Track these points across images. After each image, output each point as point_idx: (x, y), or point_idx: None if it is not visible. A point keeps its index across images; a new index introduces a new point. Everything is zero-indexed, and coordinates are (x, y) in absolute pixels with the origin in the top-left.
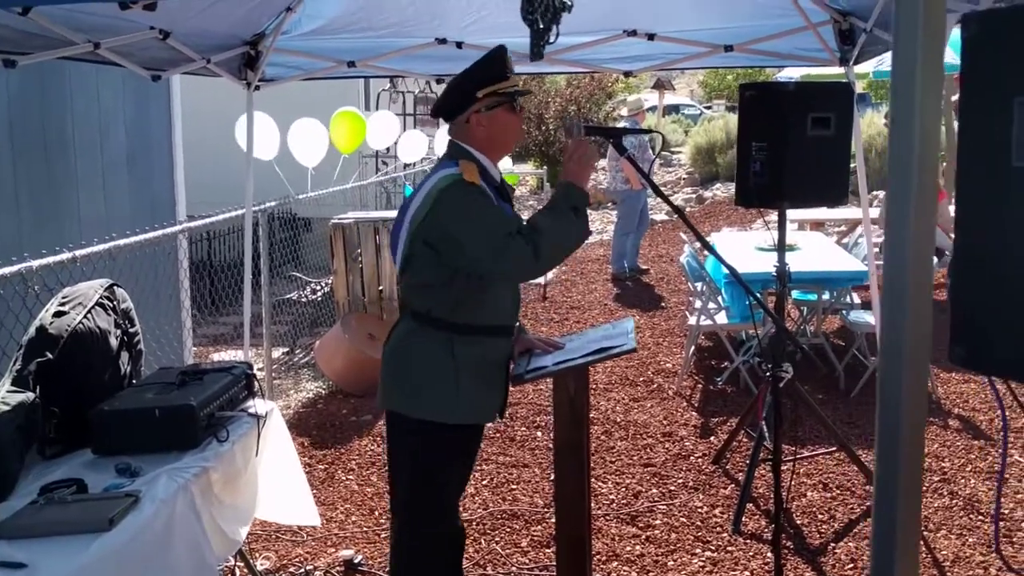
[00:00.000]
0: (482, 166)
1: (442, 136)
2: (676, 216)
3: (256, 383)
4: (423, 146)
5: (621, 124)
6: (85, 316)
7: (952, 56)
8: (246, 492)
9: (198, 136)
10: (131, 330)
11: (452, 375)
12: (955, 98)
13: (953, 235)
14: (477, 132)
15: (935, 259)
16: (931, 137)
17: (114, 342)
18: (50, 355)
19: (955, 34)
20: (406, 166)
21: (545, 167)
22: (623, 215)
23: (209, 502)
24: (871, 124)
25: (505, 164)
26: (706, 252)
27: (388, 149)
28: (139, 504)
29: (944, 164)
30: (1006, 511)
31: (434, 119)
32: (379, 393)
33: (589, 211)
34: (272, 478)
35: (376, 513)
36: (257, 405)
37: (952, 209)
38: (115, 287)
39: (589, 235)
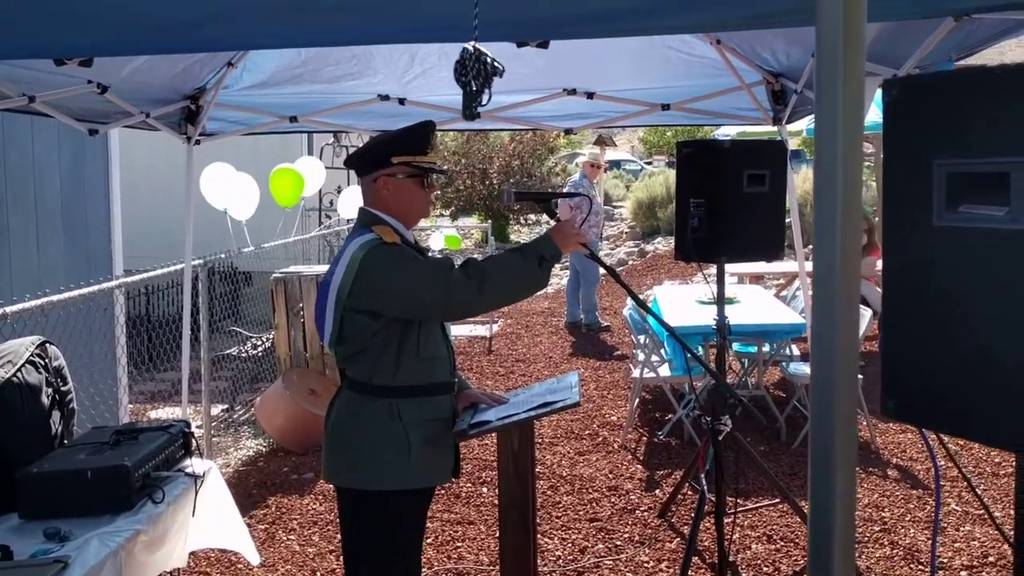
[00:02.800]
0: (396, 229)
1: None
2: (624, 265)
3: (194, 441)
4: None
5: (574, 176)
6: (14, 374)
7: (878, 114)
8: (175, 551)
9: (136, 188)
10: (63, 388)
11: (403, 440)
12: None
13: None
14: (382, 194)
15: (871, 313)
16: (854, 192)
17: (45, 401)
18: None
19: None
20: (348, 221)
21: (490, 221)
22: (584, 267)
23: (134, 565)
24: (805, 180)
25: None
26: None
27: (331, 202)
28: (68, 571)
29: (877, 219)
30: (945, 559)
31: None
32: (325, 468)
33: None
34: (209, 536)
35: (318, 574)
36: (195, 464)
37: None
38: (47, 344)
39: (543, 288)
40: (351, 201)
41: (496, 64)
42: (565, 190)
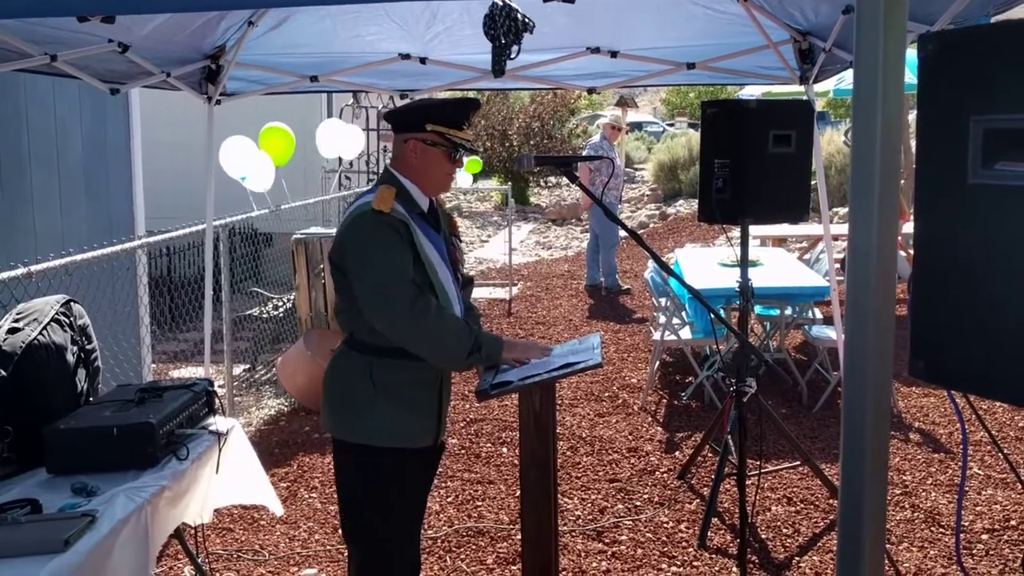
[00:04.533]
0: (405, 191)
1: None
2: (645, 228)
3: (217, 400)
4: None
5: (595, 137)
6: (40, 332)
7: (909, 76)
8: (195, 505)
9: (158, 149)
10: (88, 347)
11: (372, 399)
12: (912, 117)
13: (910, 253)
14: (409, 158)
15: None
16: (892, 151)
17: (71, 359)
18: (3, 372)
19: (912, 54)
20: (369, 180)
21: (509, 183)
22: (603, 230)
23: (160, 519)
24: (831, 142)
25: (465, 180)
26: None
27: (352, 164)
28: (96, 524)
29: (903, 182)
30: (966, 523)
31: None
32: (322, 414)
33: (555, 226)
34: (234, 492)
35: (339, 531)
36: (218, 422)
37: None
38: (72, 303)
39: (456, 370)
40: (326, 138)
41: (527, 20)
42: (585, 152)
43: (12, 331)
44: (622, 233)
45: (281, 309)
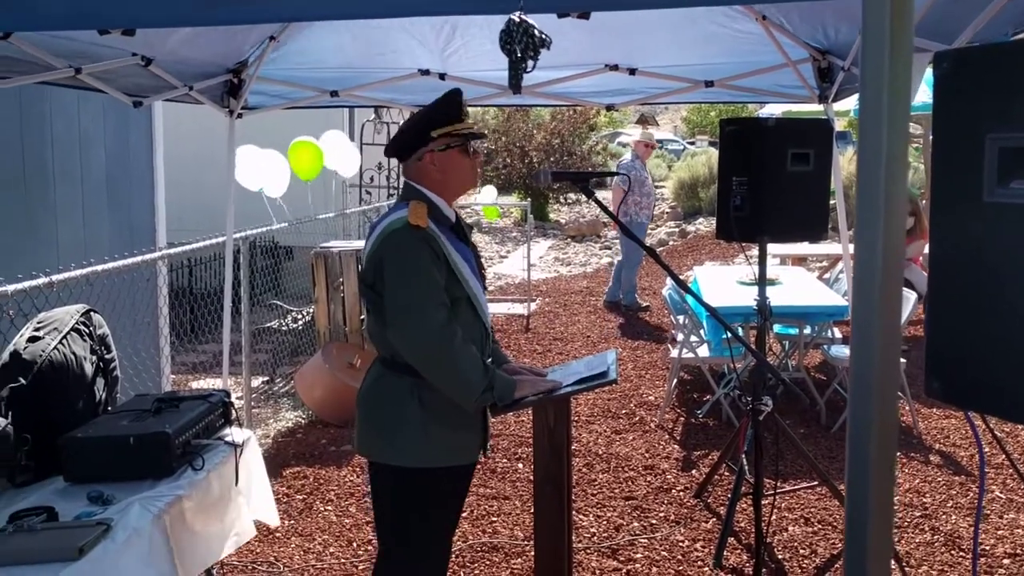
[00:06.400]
0: (434, 205)
1: None
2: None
3: (233, 411)
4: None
5: (626, 156)
6: (60, 342)
7: (927, 94)
8: (221, 521)
9: (181, 162)
10: (107, 356)
11: (420, 422)
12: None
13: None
14: (430, 172)
15: (915, 296)
16: (898, 171)
17: (89, 368)
18: (23, 381)
19: (931, 72)
20: (390, 194)
21: (529, 199)
22: (627, 249)
23: (182, 531)
24: (851, 161)
25: (488, 196)
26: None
27: (372, 179)
28: (110, 533)
29: (924, 202)
30: (987, 547)
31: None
32: (355, 438)
33: (574, 243)
34: (248, 503)
35: (354, 545)
36: (234, 433)
37: None
38: (92, 313)
39: (466, 405)
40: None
41: (544, 36)
42: (614, 170)
43: (32, 340)
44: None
45: (300, 322)
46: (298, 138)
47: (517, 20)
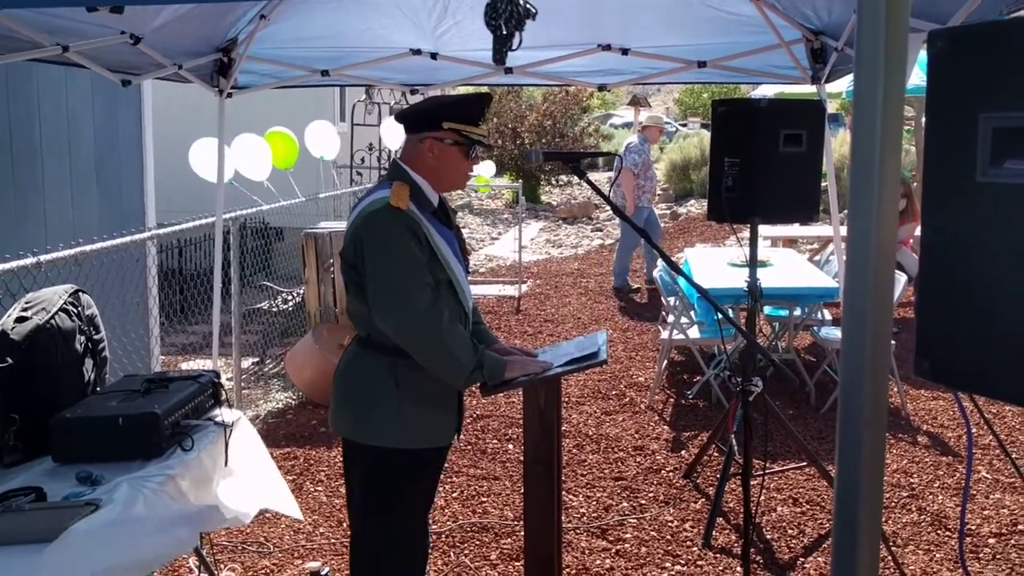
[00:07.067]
0: (417, 187)
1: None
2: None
3: (223, 391)
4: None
5: (633, 138)
6: (48, 321)
7: (920, 77)
8: (215, 499)
9: (170, 142)
10: (96, 336)
11: (396, 401)
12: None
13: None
14: (426, 157)
15: (906, 279)
16: (893, 151)
17: (78, 348)
18: (11, 360)
19: (923, 54)
20: (380, 175)
21: (520, 181)
22: (624, 231)
23: (171, 511)
24: (843, 143)
25: (487, 170)
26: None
27: (363, 160)
28: (98, 513)
29: (916, 184)
30: (972, 527)
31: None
32: (330, 416)
33: (565, 224)
34: (247, 483)
35: (344, 525)
36: (224, 414)
37: None
38: (80, 293)
39: (455, 385)
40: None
41: (529, 6)
42: (624, 152)
43: (20, 320)
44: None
45: (290, 303)
46: (272, 128)
47: None
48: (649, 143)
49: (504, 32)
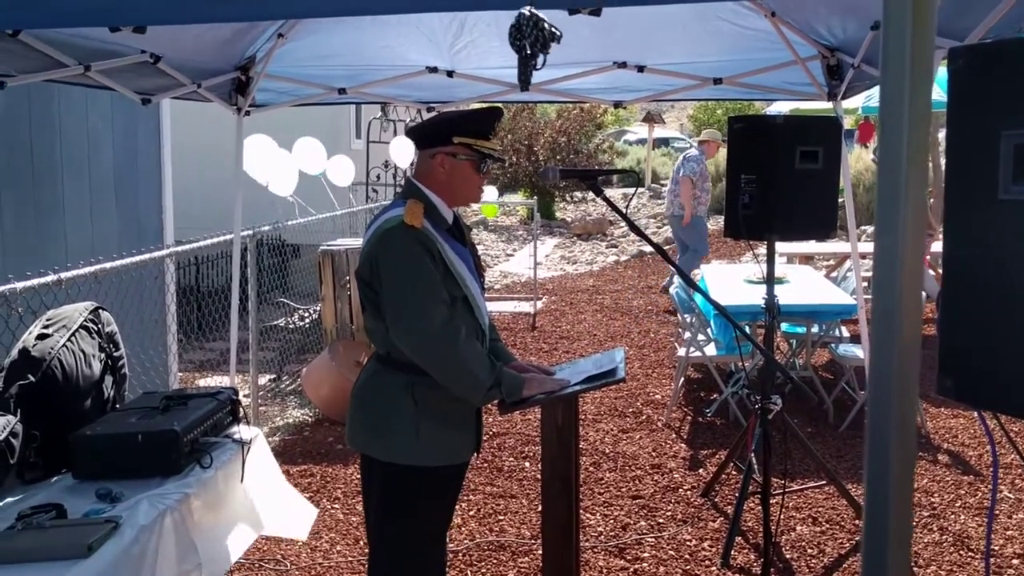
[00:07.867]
0: (432, 204)
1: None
2: (672, 243)
3: (241, 409)
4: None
5: (692, 150)
6: (69, 339)
7: (940, 93)
8: (231, 517)
9: (189, 162)
10: (115, 354)
11: (413, 419)
12: (941, 135)
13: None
14: (437, 173)
15: (924, 296)
16: (920, 168)
17: (98, 366)
18: (32, 378)
19: (943, 72)
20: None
21: (535, 197)
22: (692, 239)
23: (192, 528)
24: (859, 159)
25: (489, 195)
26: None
27: (379, 177)
28: (119, 530)
29: (931, 200)
30: (996, 547)
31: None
32: (347, 431)
33: (580, 241)
34: (259, 502)
35: (361, 543)
36: (242, 431)
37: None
38: (100, 310)
39: (473, 403)
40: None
41: (554, 30)
42: (680, 164)
43: (41, 337)
44: (644, 248)
45: (307, 320)
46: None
47: (527, 14)
48: (708, 156)
49: (529, 53)
